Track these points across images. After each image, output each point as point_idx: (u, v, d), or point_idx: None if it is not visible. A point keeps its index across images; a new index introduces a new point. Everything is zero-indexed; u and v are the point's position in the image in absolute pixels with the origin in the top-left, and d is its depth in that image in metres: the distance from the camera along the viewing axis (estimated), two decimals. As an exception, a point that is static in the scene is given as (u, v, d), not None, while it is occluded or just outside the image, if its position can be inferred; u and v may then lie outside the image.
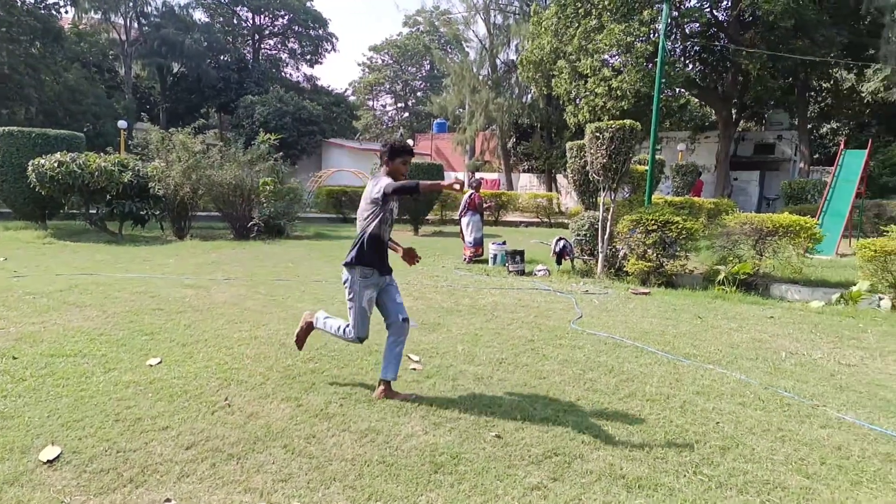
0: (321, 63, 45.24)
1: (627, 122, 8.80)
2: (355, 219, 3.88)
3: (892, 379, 4.58)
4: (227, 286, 7.38)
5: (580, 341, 5.35)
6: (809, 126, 26.02)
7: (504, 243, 10.42)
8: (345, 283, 3.74)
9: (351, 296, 3.71)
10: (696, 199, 16.78)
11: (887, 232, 7.61)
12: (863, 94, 25.33)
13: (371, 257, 3.63)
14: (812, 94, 25.25)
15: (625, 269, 9.03)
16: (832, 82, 24.62)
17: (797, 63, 19.18)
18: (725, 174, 24.00)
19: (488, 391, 3.98)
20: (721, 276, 8.36)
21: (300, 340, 4.18)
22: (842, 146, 14.02)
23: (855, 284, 7.59)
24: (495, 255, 10.08)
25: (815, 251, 10.89)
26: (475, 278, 8.90)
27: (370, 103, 57.42)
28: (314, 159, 32.77)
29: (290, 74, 44.87)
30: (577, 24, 19.73)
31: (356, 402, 3.67)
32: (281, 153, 14.74)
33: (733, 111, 23.92)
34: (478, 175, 31.17)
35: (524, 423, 3.45)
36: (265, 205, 13.27)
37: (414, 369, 4.37)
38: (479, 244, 10.68)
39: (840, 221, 12.32)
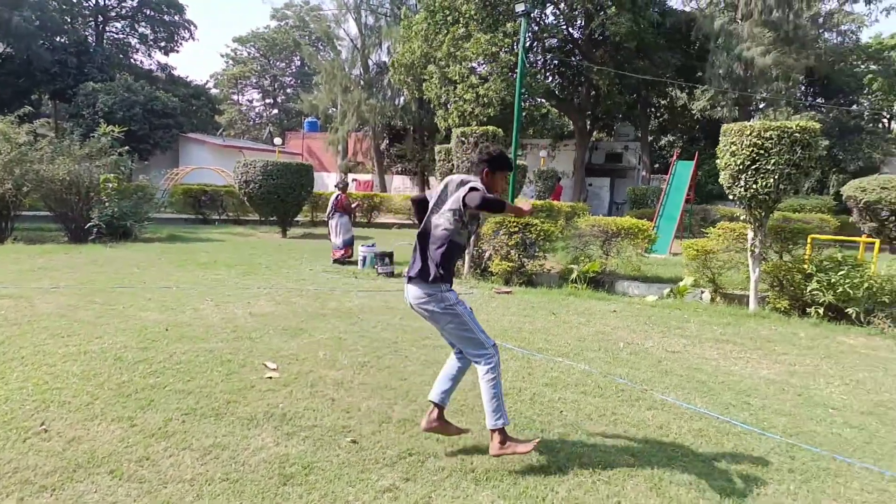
0: (178, 51, 41.88)
1: (490, 128, 9.18)
2: (216, 220, 3.57)
3: (707, 363, 5.23)
4: (55, 295, 6.54)
5: (443, 341, 5.46)
6: (650, 138, 29.06)
7: (373, 245, 10.37)
8: (434, 306, 2.99)
9: (452, 319, 3.01)
10: (555, 202, 17.96)
11: (707, 234, 8.72)
12: (693, 112, 28.86)
13: (450, 271, 3.04)
14: (652, 109, 28.23)
15: (490, 269, 9.41)
16: (668, 100, 27.72)
17: (639, 81, 21.33)
18: (582, 180, 26.01)
19: (348, 396, 3.92)
20: (574, 275, 9.01)
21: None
22: (674, 157, 15.82)
23: (682, 280, 8.58)
24: (364, 258, 10.00)
25: (652, 251, 12.16)
26: (343, 281, 8.75)
27: (235, 97, 54.35)
28: (170, 155, 30.26)
29: (141, 62, 41.04)
30: (445, 31, 20.24)
31: (201, 418, 3.43)
32: (127, 147, 13.40)
33: (588, 122, 25.99)
34: (351, 176, 30.81)
35: (382, 426, 3.44)
36: (107, 204, 11.98)
37: (270, 377, 4.18)
38: (348, 245, 10.53)
39: (673, 224, 13.90)
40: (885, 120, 39.05)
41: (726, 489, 2.89)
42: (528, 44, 22.06)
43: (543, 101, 24.96)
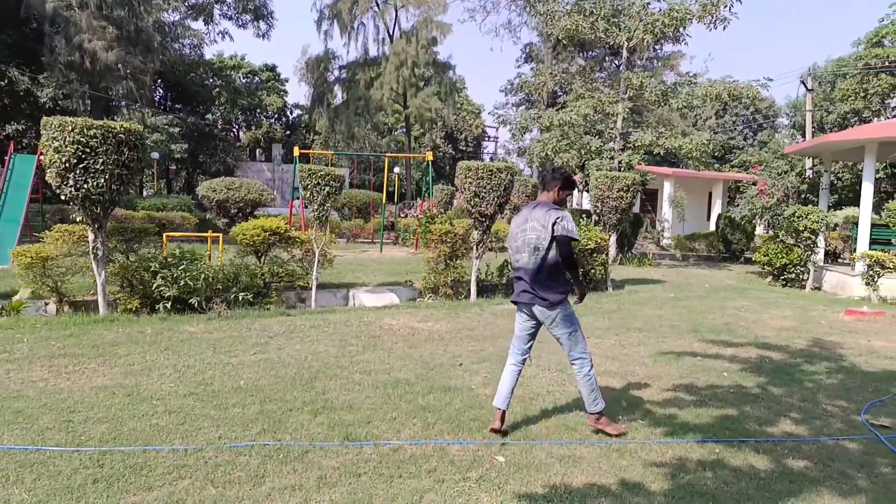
0: None
1: None
2: None
3: (33, 386, 4.59)
4: None
5: None
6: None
7: None
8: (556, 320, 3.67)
9: (573, 326, 3.73)
10: None
11: (42, 238, 7.76)
12: (42, 100, 25.44)
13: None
14: (-16, 90, 23.26)
15: None
16: (7, 82, 23.44)
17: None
18: None
19: None
20: None
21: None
22: (10, 150, 13.47)
23: (18, 294, 7.37)
24: None
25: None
26: None
27: None
28: None
29: None
30: None
31: None
32: None
33: None
34: None
35: None
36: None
37: None
38: None
39: (16, 228, 11.79)
40: (235, 129, 45.94)
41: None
42: None
43: None
